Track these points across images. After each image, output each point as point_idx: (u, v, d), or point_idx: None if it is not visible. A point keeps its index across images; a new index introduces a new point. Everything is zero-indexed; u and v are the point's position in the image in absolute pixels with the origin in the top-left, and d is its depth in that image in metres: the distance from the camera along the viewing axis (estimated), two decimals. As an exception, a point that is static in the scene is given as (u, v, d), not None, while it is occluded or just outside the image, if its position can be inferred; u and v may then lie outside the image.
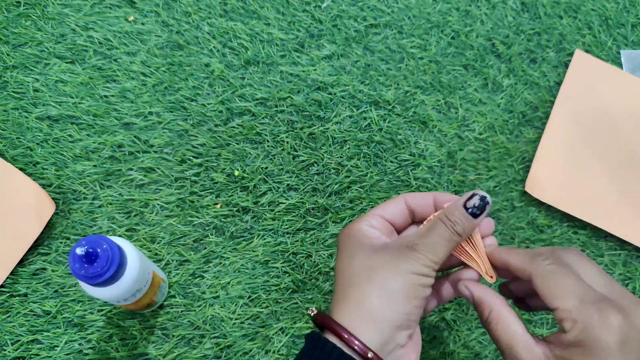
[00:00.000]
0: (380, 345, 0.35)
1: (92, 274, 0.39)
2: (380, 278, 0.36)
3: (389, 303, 0.36)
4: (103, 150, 0.58)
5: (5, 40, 0.62)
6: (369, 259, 0.38)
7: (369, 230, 0.40)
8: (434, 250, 0.37)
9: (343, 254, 0.40)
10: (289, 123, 0.62)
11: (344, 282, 0.38)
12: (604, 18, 0.70)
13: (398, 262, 0.37)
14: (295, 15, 0.66)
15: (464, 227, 0.38)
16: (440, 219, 0.38)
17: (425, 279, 0.37)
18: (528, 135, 0.64)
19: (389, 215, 0.41)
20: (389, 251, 0.38)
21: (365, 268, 0.37)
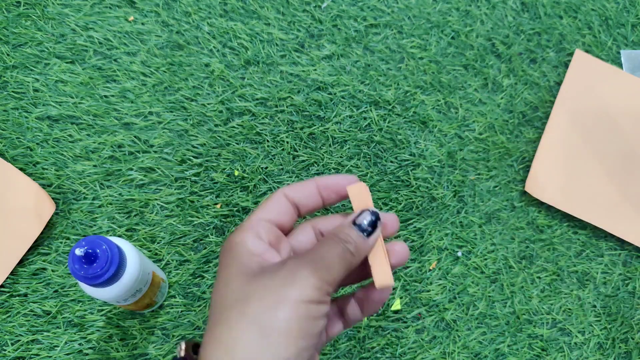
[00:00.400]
0: None
1: (91, 274, 0.39)
2: (256, 313, 0.29)
3: (265, 347, 0.28)
4: (103, 150, 0.58)
5: (5, 40, 0.62)
6: (246, 284, 0.30)
7: (254, 244, 0.33)
8: (326, 268, 0.30)
9: (219, 277, 0.32)
10: (289, 123, 0.62)
11: (214, 318, 0.30)
12: (604, 18, 0.70)
13: (280, 287, 0.29)
14: (295, 15, 0.66)
15: (356, 246, 0.32)
16: (330, 237, 0.32)
17: (318, 308, 0.29)
18: (528, 135, 0.64)
19: (275, 216, 0.34)
20: (271, 274, 0.30)
21: (239, 299, 0.30)
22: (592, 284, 0.60)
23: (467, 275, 0.58)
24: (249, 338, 0.28)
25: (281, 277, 0.30)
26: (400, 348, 0.55)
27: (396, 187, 0.61)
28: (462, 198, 0.61)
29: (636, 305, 0.59)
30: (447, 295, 0.58)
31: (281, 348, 0.28)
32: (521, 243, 0.60)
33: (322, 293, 0.30)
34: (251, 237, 0.32)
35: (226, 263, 0.32)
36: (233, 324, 0.29)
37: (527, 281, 0.59)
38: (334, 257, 0.31)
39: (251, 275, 0.31)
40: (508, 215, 0.61)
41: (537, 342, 0.57)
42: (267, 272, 0.30)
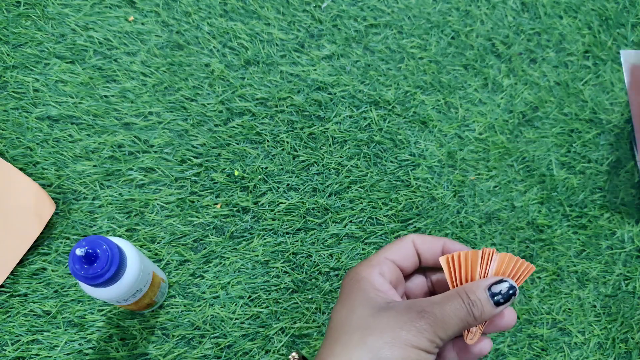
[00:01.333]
0: None
1: (92, 274, 0.39)
2: (374, 344, 0.33)
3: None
4: (103, 150, 0.58)
5: (5, 40, 0.62)
6: (369, 317, 0.34)
7: (379, 282, 0.36)
8: (443, 325, 0.33)
9: (343, 303, 0.36)
10: (289, 123, 0.62)
11: (335, 336, 0.34)
12: (604, 18, 0.70)
13: (400, 330, 0.33)
14: (295, 15, 0.66)
15: (482, 312, 0.34)
16: (459, 293, 0.34)
17: (426, 356, 0.33)
18: (528, 135, 0.64)
19: (400, 259, 0.38)
20: (394, 314, 0.34)
21: (361, 327, 0.34)
22: (592, 284, 0.60)
23: (467, 275, 0.58)
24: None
25: (403, 321, 0.33)
26: (400, 348, 0.55)
27: (396, 187, 0.61)
28: (462, 198, 0.61)
29: (636, 305, 0.59)
30: (447, 295, 0.58)
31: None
32: (521, 243, 0.60)
33: (433, 345, 0.33)
34: (376, 274, 0.36)
35: (350, 291, 0.36)
36: (351, 348, 0.33)
37: (527, 281, 0.59)
38: (455, 319, 0.33)
39: (376, 308, 0.34)
40: (508, 215, 0.61)
41: (537, 342, 0.57)
42: (392, 311, 0.34)
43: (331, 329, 0.35)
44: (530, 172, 0.63)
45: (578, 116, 0.66)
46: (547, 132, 0.65)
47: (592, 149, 0.65)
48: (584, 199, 0.63)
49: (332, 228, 0.58)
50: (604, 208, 0.63)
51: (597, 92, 0.67)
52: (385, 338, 0.33)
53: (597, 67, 0.68)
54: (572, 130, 0.65)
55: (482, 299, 0.34)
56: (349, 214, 0.59)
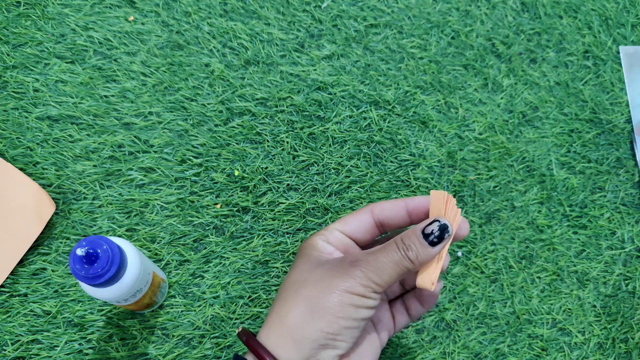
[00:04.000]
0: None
1: (92, 274, 0.39)
2: (309, 293, 0.34)
3: (311, 321, 0.33)
4: (103, 150, 0.58)
5: (5, 40, 0.62)
6: (306, 272, 0.36)
7: (322, 245, 0.38)
8: (377, 271, 0.34)
9: (290, 269, 0.38)
10: (289, 123, 0.62)
11: (276, 295, 0.37)
12: (604, 18, 0.70)
13: (333, 278, 0.34)
14: (295, 15, 0.66)
15: (417, 254, 0.35)
16: (394, 241, 0.35)
17: (361, 300, 0.34)
18: (528, 135, 0.64)
19: (350, 229, 0.38)
20: (328, 267, 0.35)
21: (298, 282, 0.35)
22: (592, 284, 0.60)
23: (467, 275, 0.58)
24: (299, 311, 0.34)
25: (335, 269, 0.35)
26: (400, 348, 0.55)
27: (396, 187, 0.61)
28: (462, 198, 0.61)
29: (636, 305, 0.59)
30: (447, 295, 0.58)
31: (324, 323, 0.33)
32: (521, 243, 0.60)
33: (368, 290, 0.34)
34: (320, 241, 0.38)
35: (297, 257, 0.38)
36: (288, 300, 0.35)
37: (527, 281, 0.59)
38: (388, 262, 0.34)
39: (314, 265, 0.36)
40: (508, 215, 0.61)
41: (537, 342, 0.57)
42: (327, 264, 0.36)
43: (277, 293, 0.37)
44: (530, 172, 0.63)
45: (578, 116, 0.66)
46: (547, 132, 0.65)
47: (592, 149, 0.65)
48: (584, 199, 0.63)
49: (332, 228, 0.58)
50: (604, 208, 0.63)
51: (597, 92, 0.67)
52: (318, 287, 0.34)
53: (597, 67, 0.68)
54: (572, 130, 0.65)
55: (415, 243, 0.35)
56: (349, 214, 0.59)
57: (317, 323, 0.33)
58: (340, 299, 0.34)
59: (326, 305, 0.34)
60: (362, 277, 0.34)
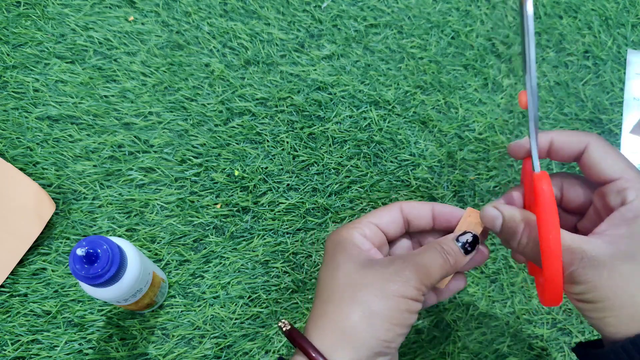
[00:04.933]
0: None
1: (92, 274, 0.39)
2: (365, 299, 0.34)
3: (370, 328, 0.33)
4: (103, 150, 0.58)
5: (5, 40, 0.62)
6: (355, 273, 0.35)
7: (360, 240, 0.37)
8: (426, 273, 0.34)
9: (328, 264, 0.37)
10: (289, 123, 0.62)
11: (324, 297, 0.35)
12: (604, 18, 0.70)
13: (387, 283, 0.34)
14: (295, 15, 0.66)
15: (455, 259, 0.36)
16: (433, 246, 0.36)
17: (414, 304, 0.34)
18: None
19: (384, 224, 0.39)
20: (379, 268, 0.35)
21: (349, 284, 0.35)
22: (592, 284, 0.60)
23: (467, 275, 0.58)
24: (356, 317, 0.33)
25: (389, 273, 0.34)
26: (401, 348, 0.55)
27: (396, 187, 0.61)
28: (462, 198, 0.61)
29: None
30: (447, 295, 0.58)
31: (381, 331, 0.33)
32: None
33: (420, 293, 0.34)
34: (357, 234, 0.37)
35: (335, 252, 0.37)
36: (343, 304, 0.34)
37: (527, 281, 0.59)
38: (436, 266, 0.35)
39: (360, 265, 0.35)
40: (508, 215, 0.61)
41: (537, 342, 0.57)
42: (377, 266, 0.35)
43: (320, 290, 0.36)
44: (530, 172, 0.63)
45: (578, 116, 0.66)
46: (547, 132, 0.65)
47: (592, 149, 0.65)
48: (584, 199, 0.63)
49: (332, 228, 0.58)
50: (604, 208, 0.63)
51: (597, 92, 0.67)
52: (374, 292, 0.34)
53: (597, 67, 0.68)
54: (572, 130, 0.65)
55: (454, 249, 0.36)
56: (349, 214, 0.59)
57: (375, 330, 0.33)
58: (397, 305, 0.33)
59: (384, 313, 0.33)
60: (415, 280, 0.34)
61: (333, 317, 0.34)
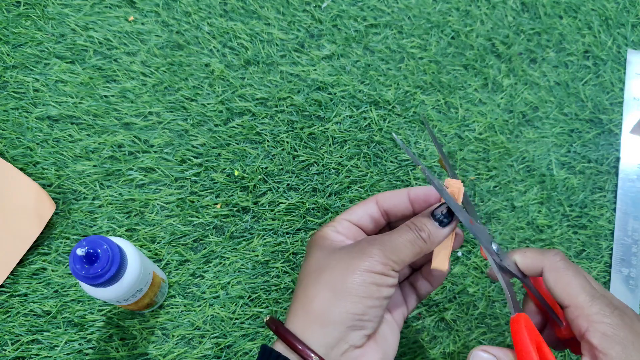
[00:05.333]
0: (329, 347, 0.34)
1: (92, 274, 0.39)
2: (329, 277, 0.35)
3: (335, 303, 0.34)
4: (103, 150, 0.58)
5: (5, 40, 0.62)
6: (323, 259, 0.36)
7: (333, 235, 0.38)
8: (393, 249, 0.35)
9: (304, 261, 0.39)
10: (289, 123, 0.62)
11: (297, 284, 0.37)
12: (604, 18, 0.70)
13: (352, 260, 0.35)
14: (295, 15, 0.66)
15: (429, 234, 0.36)
16: (406, 224, 0.37)
17: (382, 278, 0.35)
18: (528, 135, 0.64)
19: (357, 218, 0.39)
20: (345, 250, 0.36)
21: (317, 268, 0.36)
22: (592, 283, 0.60)
23: (467, 275, 0.58)
24: (322, 296, 0.34)
25: (354, 252, 0.35)
26: (400, 348, 0.56)
27: (396, 187, 0.61)
28: (462, 198, 0.61)
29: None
30: (447, 295, 0.58)
31: (349, 305, 0.34)
32: (521, 243, 0.60)
33: (387, 268, 0.35)
34: (330, 231, 0.39)
35: (309, 249, 0.39)
36: (310, 287, 0.35)
37: (527, 281, 0.59)
38: (404, 242, 0.35)
39: (328, 252, 0.37)
40: (508, 215, 0.61)
41: (537, 342, 0.57)
42: (343, 250, 0.36)
43: (296, 283, 0.38)
44: (530, 172, 0.63)
45: (578, 116, 0.66)
46: (547, 132, 0.65)
47: (592, 149, 0.65)
48: (584, 199, 0.63)
49: (332, 228, 0.58)
50: (604, 208, 0.63)
51: (597, 92, 0.67)
52: (338, 270, 0.35)
53: (597, 67, 0.68)
54: (572, 130, 0.65)
55: (427, 224, 0.36)
56: (349, 214, 0.59)
57: (342, 305, 0.34)
58: (361, 278, 0.34)
59: (349, 287, 0.34)
60: (380, 256, 0.35)
61: (301, 299, 0.36)
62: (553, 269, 0.35)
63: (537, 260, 0.37)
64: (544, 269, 0.36)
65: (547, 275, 0.36)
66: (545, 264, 0.36)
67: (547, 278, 0.36)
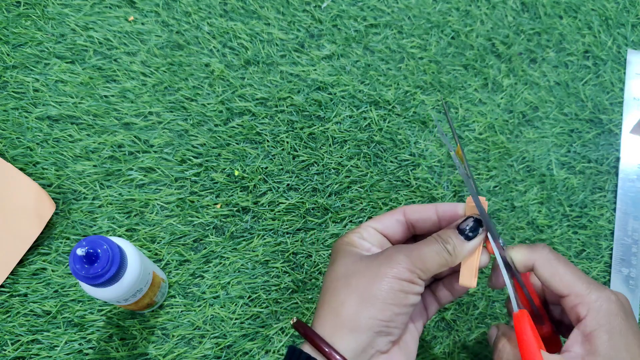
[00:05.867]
0: (357, 352, 0.35)
1: (92, 274, 0.39)
2: (359, 283, 0.35)
3: (364, 309, 0.35)
4: (103, 150, 0.58)
5: (5, 40, 0.62)
6: (351, 265, 0.37)
7: (359, 242, 0.39)
8: (420, 258, 0.36)
9: (329, 267, 0.39)
10: (289, 123, 0.62)
11: (324, 289, 0.38)
12: (604, 18, 0.70)
13: (380, 266, 0.36)
14: (295, 15, 0.66)
15: (454, 247, 0.37)
16: (433, 236, 0.38)
17: (409, 285, 0.36)
18: (528, 135, 0.64)
19: (383, 227, 0.40)
20: (373, 257, 0.37)
21: (345, 274, 0.37)
22: (592, 283, 0.60)
23: (467, 275, 0.58)
24: (351, 302, 0.35)
25: (381, 259, 0.36)
26: (401, 348, 0.55)
27: (396, 187, 0.61)
28: (462, 198, 0.61)
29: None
30: (447, 295, 0.58)
31: (377, 311, 0.35)
32: (521, 243, 0.60)
33: (414, 275, 0.35)
34: (356, 238, 0.39)
35: (336, 255, 0.39)
36: (339, 292, 0.36)
37: (527, 281, 0.59)
38: (430, 252, 0.36)
39: (356, 259, 0.37)
40: (508, 215, 0.61)
41: (537, 342, 0.57)
42: (371, 257, 0.37)
43: (322, 287, 0.38)
44: (530, 172, 0.63)
45: (578, 116, 0.66)
46: (547, 132, 0.65)
47: (592, 149, 0.65)
48: (584, 199, 0.63)
49: (332, 228, 0.58)
50: (604, 208, 0.63)
51: (597, 92, 0.67)
52: (367, 276, 0.36)
53: (597, 67, 0.68)
54: (572, 130, 0.65)
55: (452, 237, 0.37)
56: (349, 214, 0.59)
57: (370, 311, 0.35)
58: (389, 285, 0.35)
59: (377, 294, 0.35)
60: (407, 263, 0.35)
61: (331, 305, 0.36)
62: (546, 262, 0.36)
63: (527, 255, 0.37)
64: (535, 263, 0.37)
65: (541, 269, 0.37)
66: (537, 259, 0.37)
67: (541, 272, 0.37)
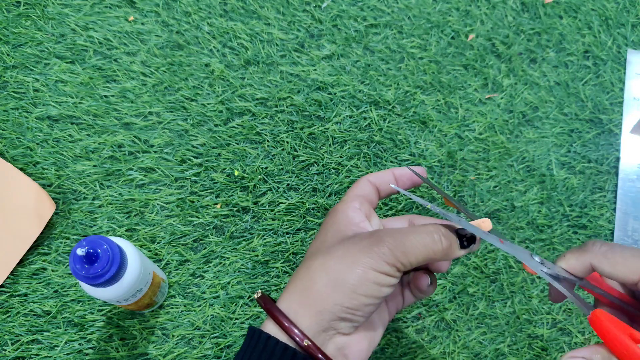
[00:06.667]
0: (318, 331, 0.34)
1: (92, 274, 0.39)
2: (335, 267, 0.35)
3: (333, 294, 0.34)
4: (103, 150, 0.58)
5: (5, 40, 0.62)
6: (335, 244, 0.36)
7: (354, 213, 0.38)
8: (405, 250, 0.34)
9: (318, 235, 0.38)
10: (289, 123, 0.62)
11: (304, 260, 0.37)
12: (604, 18, 0.70)
13: (358, 253, 0.35)
14: (295, 15, 0.66)
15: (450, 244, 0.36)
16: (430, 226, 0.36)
17: (385, 278, 0.34)
18: (528, 135, 0.64)
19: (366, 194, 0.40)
20: (356, 240, 0.36)
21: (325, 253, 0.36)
22: (592, 283, 0.60)
23: (467, 275, 0.58)
24: (323, 283, 0.34)
25: (364, 245, 0.35)
26: (400, 348, 0.55)
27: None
28: (462, 198, 0.61)
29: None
30: (447, 295, 0.58)
31: (345, 299, 0.34)
32: (521, 243, 0.60)
33: (393, 269, 0.34)
34: (351, 208, 0.39)
35: (325, 225, 0.39)
36: (313, 270, 0.35)
37: (527, 281, 0.59)
38: (419, 246, 0.35)
39: (343, 237, 0.37)
40: (508, 215, 0.61)
41: (537, 342, 0.57)
42: (355, 238, 0.36)
43: (305, 256, 0.38)
44: (530, 172, 0.63)
45: (578, 116, 0.66)
46: (547, 132, 0.65)
47: (592, 149, 0.65)
48: (584, 199, 0.63)
49: (332, 228, 0.58)
50: (604, 208, 0.63)
51: (597, 92, 0.67)
52: (345, 262, 0.35)
53: (597, 67, 0.68)
54: (572, 130, 0.65)
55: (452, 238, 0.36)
56: (349, 214, 0.59)
57: (339, 297, 0.34)
58: (364, 275, 0.34)
59: (349, 281, 0.34)
60: (389, 255, 0.34)
61: (303, 280, 0.36)
62: (601, 258, 0.34)
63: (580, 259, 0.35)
64: (592, 263, 0.35)
65: (600, 266, 0.34)
66: (590, 258, 0.35)
67: (602, 269, 0.34)
